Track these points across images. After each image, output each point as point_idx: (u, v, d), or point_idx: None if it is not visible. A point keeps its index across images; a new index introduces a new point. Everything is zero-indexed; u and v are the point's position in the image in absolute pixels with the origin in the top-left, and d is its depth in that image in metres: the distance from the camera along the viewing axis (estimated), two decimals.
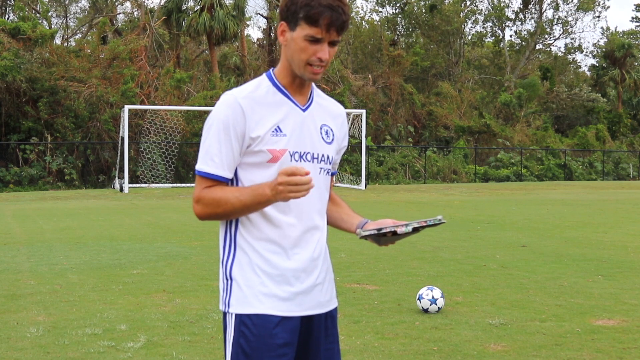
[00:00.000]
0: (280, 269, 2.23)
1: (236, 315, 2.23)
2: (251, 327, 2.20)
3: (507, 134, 43.24)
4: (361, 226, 2.37)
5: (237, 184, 2.26)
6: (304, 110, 2.29)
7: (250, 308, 2.22)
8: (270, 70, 2.32)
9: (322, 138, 2.32)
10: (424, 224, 2.23)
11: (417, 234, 2.30)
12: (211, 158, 2.21)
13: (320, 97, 2.37)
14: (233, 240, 2.27)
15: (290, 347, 2.23)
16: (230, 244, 2.28)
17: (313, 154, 2.29)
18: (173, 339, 5.32)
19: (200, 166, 2.23)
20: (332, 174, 2.48)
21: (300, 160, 2.26)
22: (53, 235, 12.00)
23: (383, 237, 2.27)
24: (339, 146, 2.41)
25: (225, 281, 2.28)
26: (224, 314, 2.28)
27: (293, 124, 2.26)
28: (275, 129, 2.22)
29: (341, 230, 2.50)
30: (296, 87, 2.28)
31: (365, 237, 2.28)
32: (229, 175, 2.23)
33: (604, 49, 54.37)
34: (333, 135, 2.37)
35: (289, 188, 2.06)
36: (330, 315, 2.37)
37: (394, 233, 2.24)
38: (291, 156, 2.24)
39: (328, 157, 2.33)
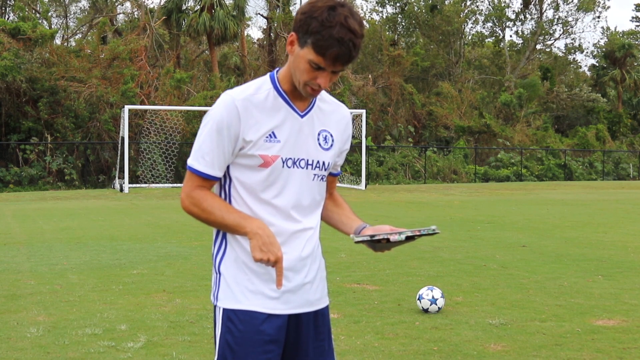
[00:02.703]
0: (267, 267, 2.25)
1: (224, 309, 2.26)
2: (237, 323, 2.23)
3: (507, 134, 43.25)
4: (358, 231, 2.38)
5: (229, 183, 2.28)
6: (302, 116, 2.28)
7: (237, 304, 2.24)
8: (275, 71, 2.31)
9: (319, 144, 2.32)
10: (418, 233, 2.23)
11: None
12: (202, 156, 2.23)
13: (323, 101, 2.36)
14: (224, 235, 2.30)
15: (277, 344, 2.25)
16: (222, 240, 2.31)
17: (307, 160, 2.29)
18: (173, 339, 5.32)
19: (191, 162, 2.26)
20: (335, 175, 2.49)
21: (293, 167, 2.26)
22: (53, 235, 12.00)
23: (378, 244, 2.28)
24: (340, 149, 2.40)
25: (215, 274, 2.32)
26: (214, 306, 2.32)
27: (289, 130, 2.25)
28: (270, 135, 2.23)
29: (340, 232, 2.50)
30: (298, 93, 2.27)
31: (360, 243, 2.29)
32: (219, 174, 2.25)
33: (604, 49, 54.37)
34: (332, 140, 2.35)
35: (265, 257, 2.15)
36: (321, 313, 2.37)
37: (387, 240, 2.24)
38: (284, 162, 2.24)
39: (324, 164, 2.33)
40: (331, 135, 2.35)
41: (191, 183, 2.26)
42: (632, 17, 60.37)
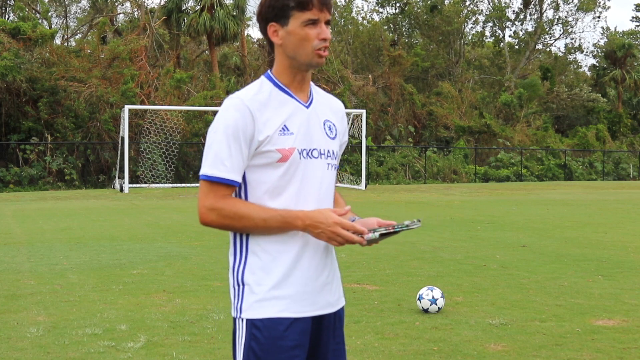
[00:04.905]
0: (293, 270, 2.22)
1: (247, 320, 2.20)
2: (263, 329, 2.18)
3: (508, 134, 43.24)
4: None
5: (245, 187, 2.24)
6: (307, 107, 2.29)
7: (263, 311, 2.19)
8: (268, 71, 2.32)
9: (326, 134, 2.32)
10: (392, 230, 2.20)
11: (417, 233, 2.28)
12: (222, 162, 2.16)
13: (318, 94, 2.38)
14: (245, 245, 2.24)
15: (302, 349, 2.21)
16: (242, 249, 2.25)
17: (320, 150, 2.28)
18: (173, 339, 5.32)
19: (210, 171, 2.18)
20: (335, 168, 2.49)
21: (308, 157, 2.25)
22: (53, 235, 12.00)
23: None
24: (340, 141, 2.41)
25: (236, 287, 2.25)
26: (234, 319, 2.26)
27: (299, 121, 2.25)
28: (283, 128, 2.21)
29: None
30: (297, 84, 2.28)
31: None
32: (240, 179, 2.20)
33: (604, 49, 54.37)
34: (336, 130, 2.37)
35: (338, 239, 2.15)
36: (339, 316, 2.36)
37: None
38: (299, 154, 2.23)
39: (333, 152, 2.34)
40: (334, 125, 2.37)
41: (213, 194, 2.18)
42: (632, 17, 60.39)
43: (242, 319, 2.22)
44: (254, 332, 2.19)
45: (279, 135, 2.20)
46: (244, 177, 2.23)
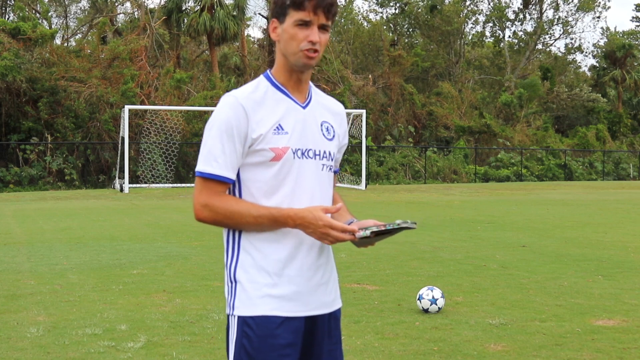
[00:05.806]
0: (285, 269, 2.22)
1: (239, 317, 2.22)
2: (254, 327, 2.19)
3: (508, 134, 43.24)
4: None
5: (239, 186, 2.25)
6: (304, 108, 2.29)
7: (254, 309, 2.20)
8: (267, 70, 2.33)
9: (323, 135, 2.32)
10: (383, 228, 2.20)
11: (417, 233, 2.28)
12: (215, 159, 2.19)
13: (319, 96, 2.38)
14: (237, 242, 2.26)
15: (294, 348, 2.22)
16: (234, 247, 2.27)
17: (315, 150, 2.29)
18: (173, 339, 5.32)
19: (203, 167, 2.20)
20: (335, 172, 2.48)
21: (303, 157, 2.25)
22: (53, 235, 12.00)
23: (356, 240, 2.26)
24: (339, 143, 2.41)
25: (229, 284, 2.27)
26: (228, 316, 2.27)
27: (294, 121, 2.25)
28: (277, 127, 2.22)
29: None
30: (294, 84, 2.28)
31: None
32: (233, 176, 2.21)
33: (604, 49, 54.37)
34: (334, 132, 2.37)
35: (329, 238, 2.19)
36: (334, 316, 2.36)
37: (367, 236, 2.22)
38: (294, 153, 2.23)
39: (330, 154, 2.33)
40: (332, 127, 2.37)
41: (207, 191, 2.20)
42: (632, 17, 60.40)
43: (235, 316, 2.23)
44: (246, 330, 2.20)
45: (272, 134, 2.21)
46: (238, 176, 2.24)
